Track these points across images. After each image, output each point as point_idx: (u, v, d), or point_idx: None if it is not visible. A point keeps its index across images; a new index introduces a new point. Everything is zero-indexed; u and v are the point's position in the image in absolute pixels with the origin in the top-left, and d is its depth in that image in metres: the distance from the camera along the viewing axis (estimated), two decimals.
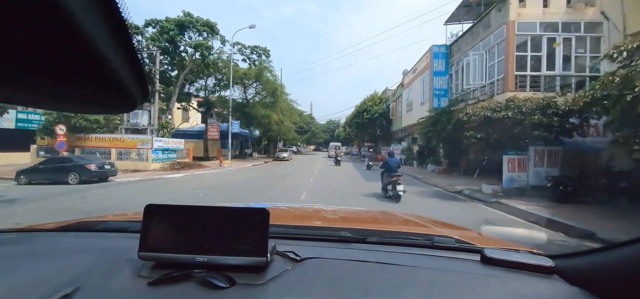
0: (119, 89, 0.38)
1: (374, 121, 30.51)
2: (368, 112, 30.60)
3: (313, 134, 61.82)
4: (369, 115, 30.43)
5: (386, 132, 31.04)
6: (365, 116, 30.52)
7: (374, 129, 31.53)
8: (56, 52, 0.29)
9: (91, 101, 0.43)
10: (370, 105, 30.96)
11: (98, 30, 0.29)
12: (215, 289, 0.67)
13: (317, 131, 63.65)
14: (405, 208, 6.73)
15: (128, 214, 1.41)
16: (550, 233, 5.01)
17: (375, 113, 30.29)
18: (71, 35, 0.28)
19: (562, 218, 5.66)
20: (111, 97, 0.40)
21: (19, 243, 1.02)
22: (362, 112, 31.09)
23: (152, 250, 0.74)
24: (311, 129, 59.57)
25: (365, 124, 30.79)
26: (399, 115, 27.65)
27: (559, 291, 0.72)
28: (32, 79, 0.32)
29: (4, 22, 0.25)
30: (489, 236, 1.18)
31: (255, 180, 13.10)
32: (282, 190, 10.26)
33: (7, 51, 0.28)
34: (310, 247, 0.93)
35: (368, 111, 30.67)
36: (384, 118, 30.41)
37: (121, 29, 0.32)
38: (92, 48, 0.29)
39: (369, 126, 30.89)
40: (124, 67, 0.35)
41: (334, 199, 8.39)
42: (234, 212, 0.79)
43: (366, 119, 30.48)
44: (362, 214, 1.86)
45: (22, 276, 0.75)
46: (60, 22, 0.26)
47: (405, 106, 24.39)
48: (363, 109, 31.20)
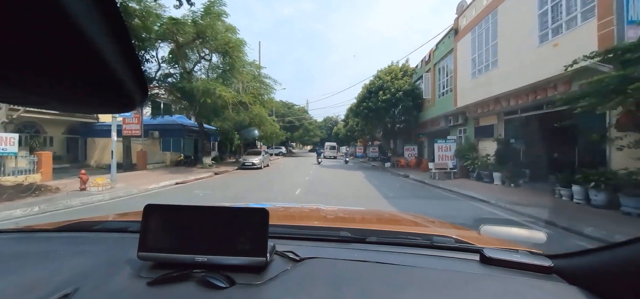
0: (118, 89, 0.38)
1: (395, 103, 19.44)
2: (385, 92, 19.52)
3: (306, 130, 50.67)
4: (386, 95, 19.33)
5: (413, 121, 19.96)
6: (381, 97, 19.41)
7: (393, 116, 20.45)
8: (55, 52, 0.30)
9: (90, 101, 0.43)
10: (388, 80, 19.89)
11: (96, 30, 0.29)
12: (215, 289, 0.66)
13: (312, 127, 52.52)
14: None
15: (128, 215, 1.43)
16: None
17: (398, 91, 19.18)
18: (70, 35, 0.28)
19: None
20: (110, 97, 0.41)
21: (18, 243, 1.03)
22: (376, 91, 19.98)
23: (152, 250, 0.74)
24: (304, 125, 48.49)
25: (379, 110, 19.66)
26: (442, 91, 16.59)
27: (558, 291, 0.72)
28: (30, 79, 0.32)
29: (3, 22, 0.25)
30: (488, 236, 1.16)
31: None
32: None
33: (6, 51, 0.28)
34: (310, 247, 0.93)
35: (385, 89, 19.60)
36: (411, 98, 19.35)
37: (120, 28, 0.32)
38: (90, 48, 0.30)
39: (385, 111, 19.77)
40: (122, 66, 0.35)
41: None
42: (233, 212, 0.78)
43: (382, 101, 19.35)
44: (362, 214, 1.88)
45: (22, 276, 0.75)
46: (59, 22, 0.26)
47: (464, 69, 13.24)
48: (376, 88, 20.07)
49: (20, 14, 0.25)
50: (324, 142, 49.02)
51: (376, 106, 19.63)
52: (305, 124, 48.95)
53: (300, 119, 46.55)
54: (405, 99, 19.12)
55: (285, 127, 42.12)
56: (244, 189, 10.89)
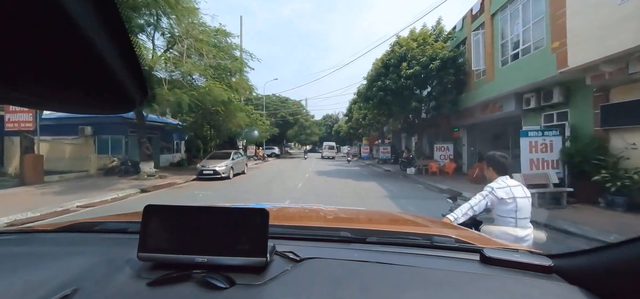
0: (118, 89, 0.38)
1: (426, 79, 13.11)
2: (411, 63, 13.14)
3: (302, 127, 44.19)
4: (414, 68, 12.94)
5: (450, 107, 13.57)
6: (404, 71, 13.00)
7: (420, 99, 14.12)
8: (55, 53, 0.30)
9: (90, 101, 0.43)
10: (414, 47, 13.49)
11: (96, 30, 0.29)
12: (215, 289, 0.66)
13: (309, 124, 46.04)
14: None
15: (127, 215, 1.43)
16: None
17: (433, 59, 12.75)
18: (70, 36, 0.28)
19: None
20: (110, 97, 0.41)
21: (18, 244, 1.02)
22: (396, 64, 13.57)
23: (152, 251, 0.73)
24: (299, 122, 41.96)
25: (401, 90, 13.25)
26: (512, 52, 10.07)
27: (558, 291, 0.72)
28: (30, 79, 0.33)
29: (3, 22, 0.25)
30: (489, 236, 1.13)
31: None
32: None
33: (6, 51, 0.28)
34: (310, 247, 0.92)
35: (411, 60, 13.21)
36: (453, 71, 12.94)
37: (120, 29, 0.32)
38: (90, 48, 0.30)
39: (410, 93, 13.39)
40: (122, 67, 0.35)
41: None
42: (233, 213, 0.77)
43: (406, 77, 12.96)
44: (362, 214, 1.85)
45: (22, 277, 0.74)
46: (59, 22, 0.26)
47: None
48: (397, 58, 13.64)
49: (21, 15, 0.25)
50: (322, 141, 45.08)
51: (397, 84, 13.23)
52: (300, 120, 42.49)
53: (295, 115, 40.09)
54: (444, 72, 12.70)
55: (278, 124, 35.89)
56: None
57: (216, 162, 13.52)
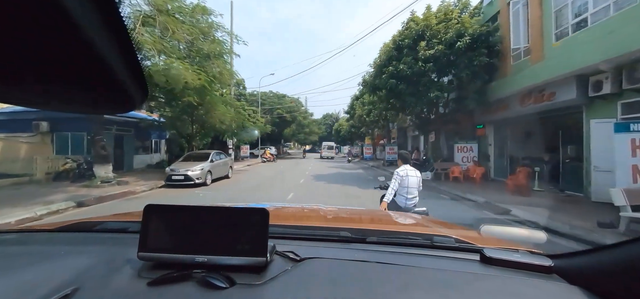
0: (118, 89, 0.38)
1: (451, 62, 10.55)
2: (432, 43, 10.59)
3: (299, 126, 41.57)
4: (435, 49, 10.37)
5: (477, 98, 10.97)
6: (423, 52, 10.43)
7: (441, 88, 11.57)
8: (55, 52, 0.30)
9: (90, 101, 0.44)
10: (435, 24, 10.92)
11: (97, 30, 0.29)
12: (215, 289, 0.66)
13: (307, 123, 43.39)
14: None
15: (128, 215, 1.42)
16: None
17: (461, 36, 10.16)
18: (70, 36, 0.28)
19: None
20: (110, 97, 0.41)
21: (18, 243, 1.02)
22: (411, 45, 10.99)
23: (152, 250, 0.73)
24: (297, 120, 39.30)
25: (419, 76, 10.68)
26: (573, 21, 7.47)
27: (558, 291, 0.71)
28: (30, 79, 0.33)
29: (3, 22, 0.25)
30: (489, 236, 1.17)
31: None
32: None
33: (6, 51, 0.28)
34: (310, 247, 0.92)
35: (431, 39, 10.65)
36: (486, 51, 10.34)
37: (120, 29, 0.32)
38: (91, 48, 0.30)
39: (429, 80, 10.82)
40: (122, 67, 0.35)
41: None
42: (233, 213, 0.78)
43: (424, 61, 10.39)
44: (362, 214, 1.85)
45: (22, 277, 0.74)
46: (59, 22, 0.26)
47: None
48: (413, 38, 11.07)
49: (21, 15, 0.25)
50: (322, 141, 43.26)
51: (412, 69, 10.66)
52: (298, 118, 39.89)
53: (293, 112, 37.48)
54: (475, 53, 10.13)
55: (274, 123, 33.32)
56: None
57: (190, 164, 10.96)
